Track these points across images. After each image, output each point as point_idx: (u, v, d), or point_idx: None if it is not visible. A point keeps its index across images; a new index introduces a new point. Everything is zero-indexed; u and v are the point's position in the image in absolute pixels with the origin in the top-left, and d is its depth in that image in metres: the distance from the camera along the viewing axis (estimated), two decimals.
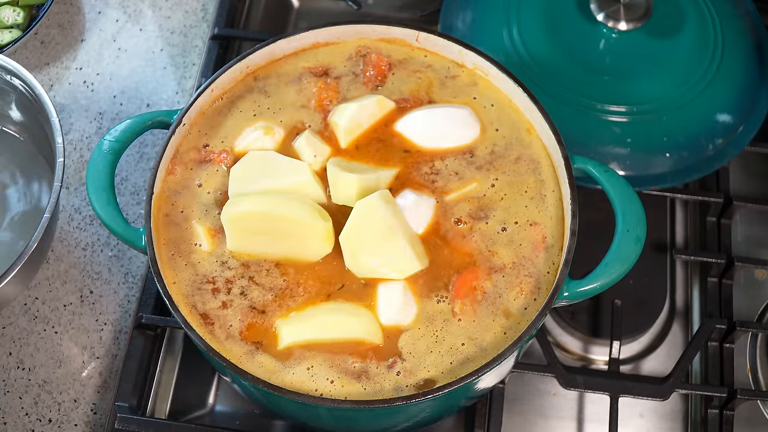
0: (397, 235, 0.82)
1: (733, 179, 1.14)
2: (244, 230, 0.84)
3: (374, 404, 0.77)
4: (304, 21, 1.34)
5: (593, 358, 1.07)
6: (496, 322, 0.82)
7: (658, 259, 1.12)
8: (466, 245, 0.85)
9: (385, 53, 0.95)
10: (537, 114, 0.90)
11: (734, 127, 1.07)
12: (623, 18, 1.06)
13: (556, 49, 1.07)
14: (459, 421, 1.03)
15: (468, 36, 1.11)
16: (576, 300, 0.84)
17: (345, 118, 0.90)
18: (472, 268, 0.84)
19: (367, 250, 0.82)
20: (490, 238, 0.86)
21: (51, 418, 0.98)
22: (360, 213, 0.82)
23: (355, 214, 0.82)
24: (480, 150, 0.90)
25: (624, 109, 1.04)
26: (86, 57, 1.20)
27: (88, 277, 1.05)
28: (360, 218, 0.82)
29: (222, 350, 0.81)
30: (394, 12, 1.32)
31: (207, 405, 1.05)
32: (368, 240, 0.82)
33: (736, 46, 1.10)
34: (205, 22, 1.23)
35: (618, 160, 1.04)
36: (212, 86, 0.92)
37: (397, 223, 0.82)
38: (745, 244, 1.14)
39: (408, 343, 0.82)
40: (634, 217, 0.84)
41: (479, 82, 0.94)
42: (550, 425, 1.04)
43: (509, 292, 0.83)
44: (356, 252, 0.83)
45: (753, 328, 1.03)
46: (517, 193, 0.88)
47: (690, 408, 1.05)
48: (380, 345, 0.82)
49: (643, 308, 1.09)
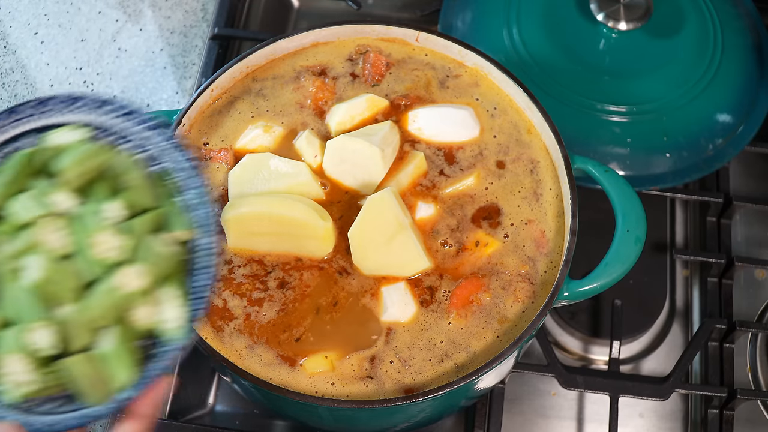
0: (407, 231, 0.82)
1: (733, 179, 1.14)
2: (245, 232, 0.84)
3: (374, 404, 0.77)
4: (304, 21, 1.34)
5: (593, 358, 1.07)
6: (492, 325, 0.83)
7: (658, 259, 1.12)
8: (466, 257, 0.86)
9: (385, 52, 0.96)
10: (537, 114, 0.90)
11: (734, 127, 1.07)
12: (623, 18, 1.06)
13: (556, 49, 1.07)
14: (459, 421, 1.03)
15: (468, 36, 1.11)
16: (576, 300, 0.84)
17: (336, 118, 0.91)
18: (472, 277, 0.84)
19: (376, 246, 0.82)
20: (492, 246, 0.86)
21: None
22: (370, 209, 0.82)
23: (366, 210, 0.82)
24: (477, 149, 0.90)
25: (624, 109, 1.04)
26: (86, 57, 1.20)
27: None
28: (370, 214, 0.82)
29: (222, 350, 0.81)
30: (394, 12, 1.32)
31: (207, 405, 1.06)
32: (378, 236, 0.82)
33: (736, 46, 1.10)
34: (205, 22, 1.23)
35: (618, 160, 1.04)
36: (212, 86, 0.92)
37: (406, 221, 0.83)
38: (745, 244, 1.14)
39: (408, 343, 0.82)
40: (634, 217, 0.84)
41: (481, 83, 0.94)
42: (550, 425, 1.04)
43: (507, 298, 0.83)
44: (366, 248, 0.83)
45: (753, 328, 1.03)
46: (510, 193, 0.88)
47: (690, 408, 1.05)
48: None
49: (643, 308, 1.09)
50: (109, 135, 0.77)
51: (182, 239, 0.73)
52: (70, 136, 0.76)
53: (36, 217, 0.72)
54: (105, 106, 0.77)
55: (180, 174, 0.75)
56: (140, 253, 0.71)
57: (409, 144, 0.90)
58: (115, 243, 0.71)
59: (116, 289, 0.69)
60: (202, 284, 0.71)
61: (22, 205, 0.72)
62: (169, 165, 0.75)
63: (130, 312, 0.70)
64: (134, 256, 0.71)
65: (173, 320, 0.70)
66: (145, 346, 0.71)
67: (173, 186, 0.75)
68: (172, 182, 0.75)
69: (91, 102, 0.77)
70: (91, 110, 0.78)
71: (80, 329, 0.70)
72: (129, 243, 0.71)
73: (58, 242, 0.71)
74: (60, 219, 0.72)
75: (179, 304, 0.70)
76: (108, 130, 0.77)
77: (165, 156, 0.76)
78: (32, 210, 0.72)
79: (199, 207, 0.73)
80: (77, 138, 0.76)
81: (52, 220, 0.72)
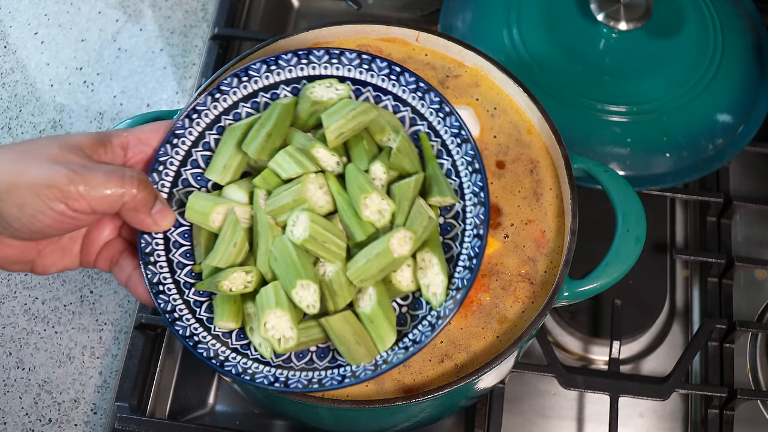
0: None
1: (733, 179, 1.14)
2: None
3: (374, 404, 0.77)
4: (304, 21, 1.34)
5: (593, 358, 1.07)
6: (492, 325, 0.82)
7: (658, 259, 1.12)
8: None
9: (385, 52, 0.95)
10: (537, 114, 0.90)
11: (734, 127, 1.07)
12: (623, 18, 1.06)
13: (556, 49, 1.07)
14: (459, 421, 1.03)
15: (468, 36, 1.11)
16: (576, 300, 0.84)
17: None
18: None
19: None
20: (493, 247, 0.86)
21: (51, 418, 0.98)
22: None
23: None
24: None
25: (624, 109, 1.04)
26: (86, 57, 1.20)
27: (88, 277, 1.05)
28: None
29: None
30: (394, 12, 1.32)
31: (207, 405, 1.06)
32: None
33: (736, 46, 1.10)
34: (205, 22, 1.23)
35: (618, 160, 1.04)
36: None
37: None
38: (745, 244, 1.14)
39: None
40: (634, 217, 0.84)
41: (481, 83, 0.94)
42: (550, 425, 1.04)
43: (507, 298, 0.83)
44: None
45: (753, 328, 1.03)
46: (510, 193, 0.88)
47: (690, 408, 1.05)
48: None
49: (643, 308, 1.09)
50: (368, 92, 0.78)
51: (445, 204, 0.74)
52: (332, 91, 0.76)
53: (302, 172, 0.72)
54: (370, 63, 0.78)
55: (445, 137, 0.75)
56: (406, 218, 0.72)
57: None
58: (383, 206, 0.72)
59: (386, 253, 0.70)
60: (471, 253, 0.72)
61: (286, 159, 0.73)
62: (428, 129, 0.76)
63: (393, 274, 0.72)
64: (399, 220, 0.72)
65: (437, 285, 0.72)
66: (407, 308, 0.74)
67: (434, 150, 0.75)
68: (433, 145, 0.75)
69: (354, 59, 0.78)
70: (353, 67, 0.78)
71: (344, 289, 0.71)
72: (397, 207, 0.72)
73: (323, 200, 0.73)
74: (324, 176, 0.73)
75: (441, 270, 0.72)
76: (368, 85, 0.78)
77: (428, 119, 0.76)
78: (298, 165, 0.72)
79: (470, 172, 0.74)
80: (340, 94, 0.76)
81: (317, 177, 0.73)
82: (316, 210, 0.72)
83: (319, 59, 0.78)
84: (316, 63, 0.78)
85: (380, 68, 0.78)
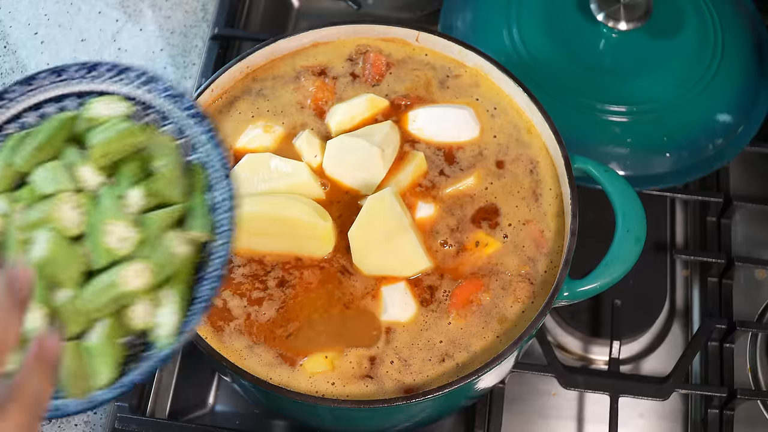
0: (407, 231, 0.82)
1: (733, 179, 1.14)
2: (244, 231, 0.84)
3: (374, 404, 0.77)
4: (304, 21, 1.34)
5: (593, 358, 1.07)
6: (492, 325, 0.83)
7: (658, 259, 1.12)
8: (466, 257, 0.86)
9: (385, 52, 0.96)
10: (537, 114, 0.90)
11: (734, 127, 1.07)
12: (623, 18, 1.06)
13: (556, 49, 1.07)
14: (459, 421, 1.03)
15: (468, 36, 1.11)
16: (576, 300, 0.84)
17: (336, 118, 0.91)
18: (472, 277, 0.84)
19: (376, 246, 0.82)
20: (493, 247, 0.86)
21: None
22: (370, 209, 0.82)
23: (366, 210, 0.82)
24: (477, 149, 0.90)
25: (624, 109, 1.04)
26: (86, 57, 1.20)
27: None
28: (370, 214, 0.82)
29: (222, 350, 0.81)
30: (394, 12, 1.32)
31: (207, 405, 1.06)
32: (378, 236, 0.82)
33: (736, 46, 1.10)
34: (205, 22, 1.23)
35: (618, 160, 1.04)
36: (212, 86, 0.92)
37: (406, 221, 0.83)
38: (745, 244, 1.14)
39: (408, 343, 0.82)
40: (634, 217, 0.84)
41: (481, 83, 0.94)
42: (550, 425, 1.04)
43: (507, 298, 0.83)
44: (366, 248, 0.83)
45: (753, 328, 1.03)
46: (510, 193, 0.88)
47: (690, 408, 1.05)
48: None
49: (643, 308, 1.09)
50: (152, 113, 0.73)
51: (198, 240, 0.69)
52: (112, 109, 0.73)
53: (58, 190, 0.68)
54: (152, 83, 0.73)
55: (212, 171, 0.71)
56: (151, 250, 0.67)
57: (410, 144, 0.90)
58: (128, 234, 0.67)
59: (117, 285, 0.66)
60: (204, 295, 0.67)
61: (46, 174, 0.69)
62: (204, 159, 0.71)
63: (127, 308, 0.67)
64: (144, 251, 0.67)
65: (165, 326, 0.66)
66: (135, 346, 0.68)
67: (204, 181, 0.71)
68: (204, 177, 0.71)
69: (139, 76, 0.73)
70: (138, 85, 0.73)
71: (74, 317, 0.66)
72: (142, 237, 0.67)
73: (72, 221, 0.68)
74: (81, 196, 0.69)
75: (176, 310, 0.67)
76: (152, 108, 0.73)
77: (202, 149, 0.72)
78: (55, 182, 0.69)
79: (225, 210, 0.69)
80: (118, 112, 0.73)
81: (72, 196, 0.69)
82: (64, 231, 0.68)
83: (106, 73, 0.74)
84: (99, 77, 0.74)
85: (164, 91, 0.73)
